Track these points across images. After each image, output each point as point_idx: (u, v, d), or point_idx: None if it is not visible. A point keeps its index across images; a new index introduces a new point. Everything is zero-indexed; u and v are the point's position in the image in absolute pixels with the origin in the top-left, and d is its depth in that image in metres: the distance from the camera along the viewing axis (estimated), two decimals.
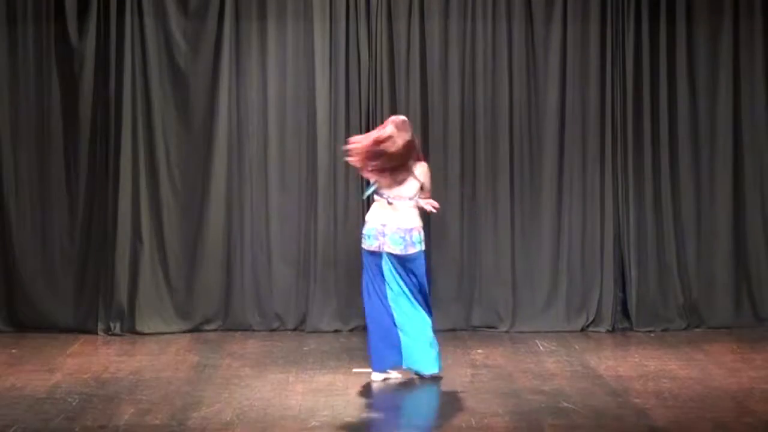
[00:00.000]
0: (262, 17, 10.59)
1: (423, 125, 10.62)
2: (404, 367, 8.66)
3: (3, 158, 10.52)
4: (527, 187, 10.70)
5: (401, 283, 8.63)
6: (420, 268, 8.71)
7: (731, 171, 10.73)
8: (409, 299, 8.63)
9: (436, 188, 10.59)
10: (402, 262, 8.63)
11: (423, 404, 7.95)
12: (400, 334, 8.61)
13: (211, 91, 10.58)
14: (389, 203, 8.65)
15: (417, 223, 8.70)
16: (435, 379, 8.64)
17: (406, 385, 8.54)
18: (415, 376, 8.68)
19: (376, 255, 8.63)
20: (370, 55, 10.58)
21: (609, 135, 10.67)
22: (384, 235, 8.61)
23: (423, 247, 8.72)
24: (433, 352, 8.65)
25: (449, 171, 10.65)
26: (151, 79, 10.52)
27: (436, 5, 10.60)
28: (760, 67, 10.71)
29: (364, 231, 8.67)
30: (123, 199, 10.48)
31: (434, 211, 8.81)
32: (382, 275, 8.63)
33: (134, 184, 10.51)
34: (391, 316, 8.62)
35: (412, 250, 8.64)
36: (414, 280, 8.66)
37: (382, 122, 10.45)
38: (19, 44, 10.48)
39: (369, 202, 9.06)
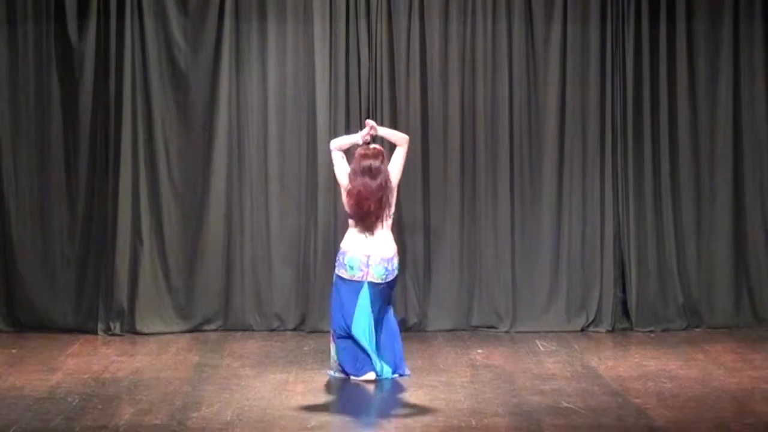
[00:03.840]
0: (262, 17, 10.59)
1: (423, 125, 10.63)
2: (379, 374, 8.67)
3: (3, 158, 10.53)
4: (527, 187, 10.70)
5: (371, 313, 8.61)
6: (392, 291, 8.80)
7: (731, 171, 10.73)
8: (374, 321, 8.62)
9: (436, 188, 10.63)
10: (381, 289, 8.64)
11: (423, 404, 7.94)
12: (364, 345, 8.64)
13: (211, 91, 10.58)
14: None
15: (395, 247, 8.71)
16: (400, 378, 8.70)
17: (405, 385, 8.54)
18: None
19: (356, 284, 8.62)
20: (370, 55, 10.58)
21: (609, 135, 10.67)
22: (368, 266, 8.61)
23: (397, 272, 8.78)
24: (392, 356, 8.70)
25: (449, 171, 10.65)
26: (151, 79, 10.52)
27: (436, 5, 10.60)
28: (760, 67, 10.71)
29: (345, 260, 8.63)
30: (123, 200, 10.48)
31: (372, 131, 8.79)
32: (355, 303, 8.60)
33: (134, 184, 10.52)
34: (352, 335, 8.63)
35: (391, 277, 8.69)
36: (384, 306, 8.68)
37: (381, 122, 10.50)
38: (19, 44, 10.48)
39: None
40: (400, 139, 8.85)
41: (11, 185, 10.54)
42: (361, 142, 8.81)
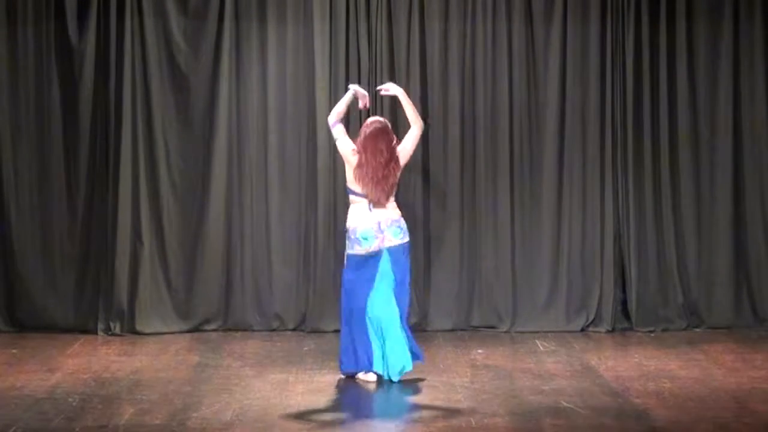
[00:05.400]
0: (262, 18, 10.59)
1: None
2: (375, 370, 8.64)
3: (3, 158, 10.53)
4: (527, 187, 10.70)
5: (390, 280, 8.60)
6: (409, 257, 8.75)
7: (731, 171, 10.73)
8: (389, 297, 8.60)
9: (436, 188, 10.63)
10: (399, 253, 8.62)
11: (423, 404, 7.94)
12: (372, 339, 8.60)
13: (211, 91, 10.58)
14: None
15: (399, 212, 8.74)
16: (405, 381, 8.64)
17: (406, 385, 8.54)
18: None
19: (373, 257, 8.61)
20: (370, 55, 10.58)
21: (609, 135, 10.67)
22: (382, 232, 8.62)
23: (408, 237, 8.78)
24: (401, 351, 8.60)
25: (449, 171, 10.65)
26: (151, 79, 10.53)
27: (436, 5, 10.60)
28: (760, 67, 10.71)
29: (357, 235, 8.60)
30: (123, 199, 10.49)
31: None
32: (372, 278, 8.60)
33: (134, 184, 10.52)
34: (366, 322, 8.59)
35: (407, 238, 8.71)
36: (402, 273, 8.65)
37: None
38: (19, 44, 10.48)
39: None
40: (416, 119, 8.85)
41: (11, 185, 10.54)
42: (353, 95, 8.87)
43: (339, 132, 8.78)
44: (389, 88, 9.01)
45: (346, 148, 8.73)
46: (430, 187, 10.64)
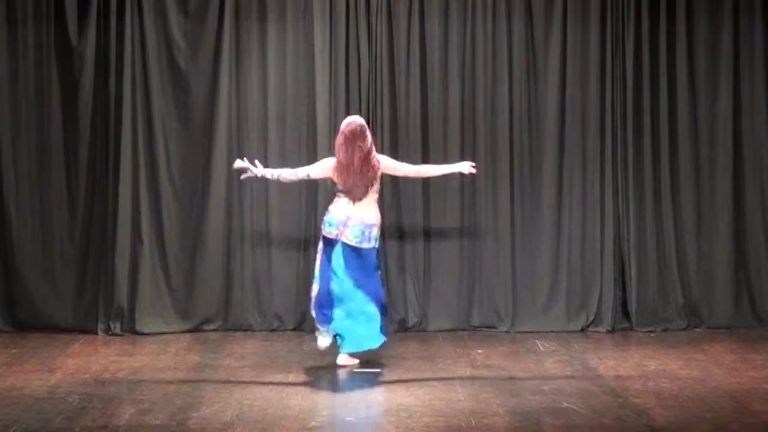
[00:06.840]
0: (262, 17, 10.60)
1: (423, 125, 10.63)
2: (346, 351, 8.99)
3: (3, 158, 10.53)
4: (527, 187, 10.70)
5: (346, 271, 8.92)
6: (370, 264, 9.01)
7: (731, 171, 10.73)
8: (353, 284, 8.93)
9: (436, 188, 10.63)
10: (354, 254, 8.93)
11: (423, 404, 7.94)
12: (336, 313, 8.97)
13: (211, 91, 10.58)
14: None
15: (377, 218, 9.04)
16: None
17: (405, 385, 8.54)
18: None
19: (332, 242, 8.97)
20: (370, 55, 10.58)
21: (609, 135, 10.67)
22: (345, 226, 8.92)
23: (377, 245, 9.05)
24: (372, 326, 8.94)
25: None
26: (151, 79, 10.53)
27: (436, 5, 10.60)
28: (760, 67, 10.71)
29: (327, 218, 9.02)
30: (123, 199, 10.49)
31: (473, 171, 9.25)
32: (332, 262, 8.97)
33: (134, 184, 10.52)
34: (331, 296, 8.97)
35: (366, 245, 8.96)
36: (361, 272, 8.93)
37: (381, 122, 10.52)
38: (19, 44, 10.49)
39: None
40: (426, 173, 9.54)
41: (11, 185, 10.55)
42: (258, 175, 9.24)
43: (302, 171, 9.19)
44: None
45: (318, 167, 9.17)
46: (430, 186, 10.64)
